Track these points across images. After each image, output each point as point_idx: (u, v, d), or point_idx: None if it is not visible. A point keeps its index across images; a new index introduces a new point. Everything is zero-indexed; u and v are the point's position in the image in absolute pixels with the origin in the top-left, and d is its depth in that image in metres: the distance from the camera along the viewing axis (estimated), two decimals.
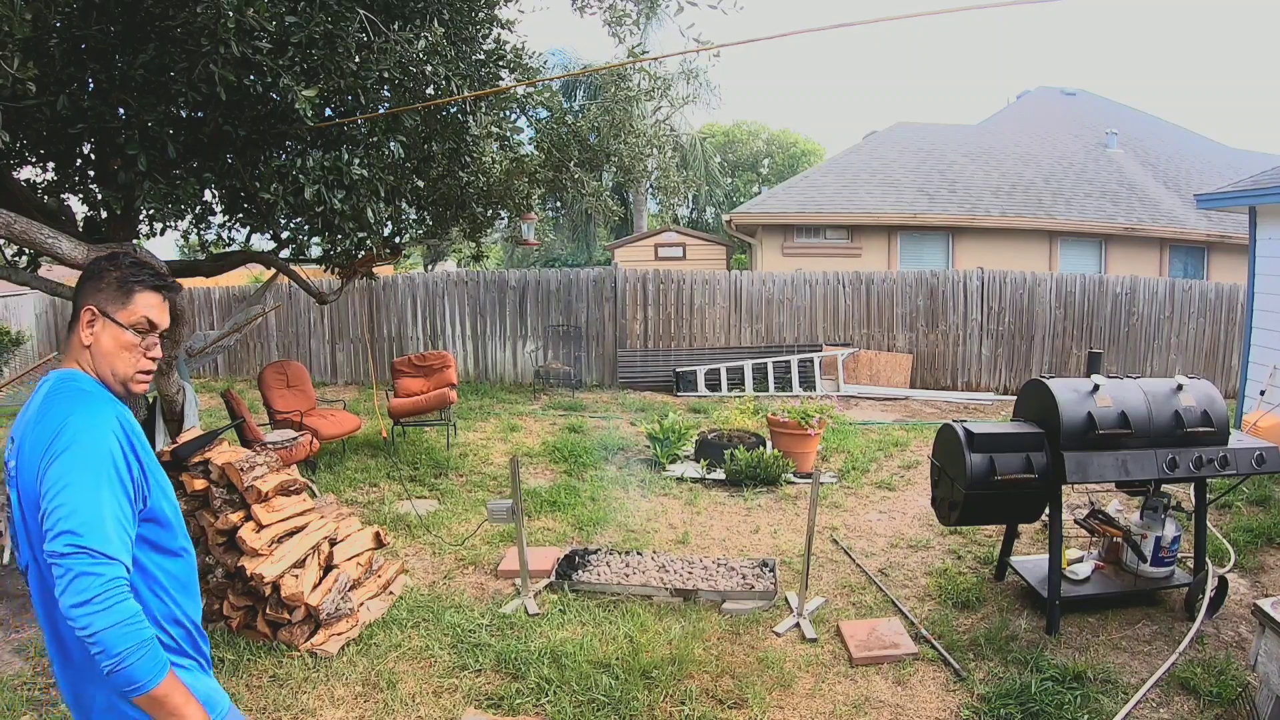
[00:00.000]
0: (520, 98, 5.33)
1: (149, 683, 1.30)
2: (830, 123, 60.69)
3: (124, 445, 1.45)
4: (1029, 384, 3.69)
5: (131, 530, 1.41)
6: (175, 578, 1.55)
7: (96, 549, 1.29)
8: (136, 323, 1.54)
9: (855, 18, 3.39)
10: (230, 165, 3.74)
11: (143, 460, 1.50)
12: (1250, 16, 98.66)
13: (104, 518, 1.33)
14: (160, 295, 1.58)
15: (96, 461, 1.37)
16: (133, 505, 1.42)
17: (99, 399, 1.49)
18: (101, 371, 1.53)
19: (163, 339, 1.62)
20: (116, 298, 1.54)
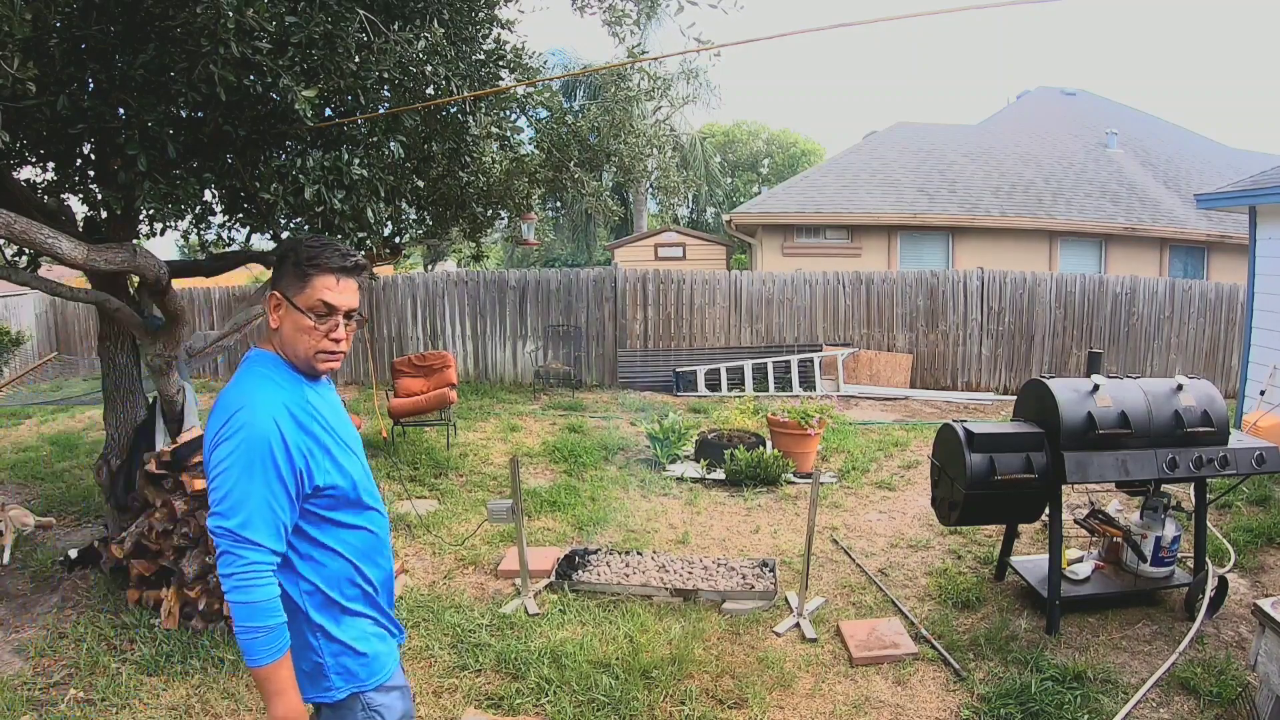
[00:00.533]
0: (520, 98, 5.33)
1: (258, 660, 1.45)
2: (830, 123, 60.77)
3: (287, 434, 1.52)
4: (1029, 384, 3.69)
5: (286, 516, 1.52)
6: (354, 546, 1.65)
7: (240, 533, 1.45)
8: (313, 306, 1.58)
9: (855, 18, 3.39)
10: (230, 165, 3.73)
11: (315, 442, 1.57)
12: (1250, 17, 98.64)
13: (252, 506, 1.46)
14: (337, 277, 1.59)
15: (254, 451, 1.47)
16: (290, 492, 1.52)
17: (273, 384, 1.57)
18: (287, 352, 1.62)
19: (350, 317, 1.63)
20: (295, 283, 1.59)
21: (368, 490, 1.70)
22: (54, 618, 3.76)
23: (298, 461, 1.53)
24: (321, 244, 1.61)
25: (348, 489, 1.62)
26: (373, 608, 1.70)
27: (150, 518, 3.76)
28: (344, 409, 1.79)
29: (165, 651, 3.37)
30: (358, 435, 1.77)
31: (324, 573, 1.61)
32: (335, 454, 1.62)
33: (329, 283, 1.58)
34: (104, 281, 4.13)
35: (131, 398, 4.41)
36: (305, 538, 1.59)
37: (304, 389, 1.62)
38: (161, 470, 3.76)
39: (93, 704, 3.03)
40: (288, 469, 1.51)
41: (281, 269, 1.62)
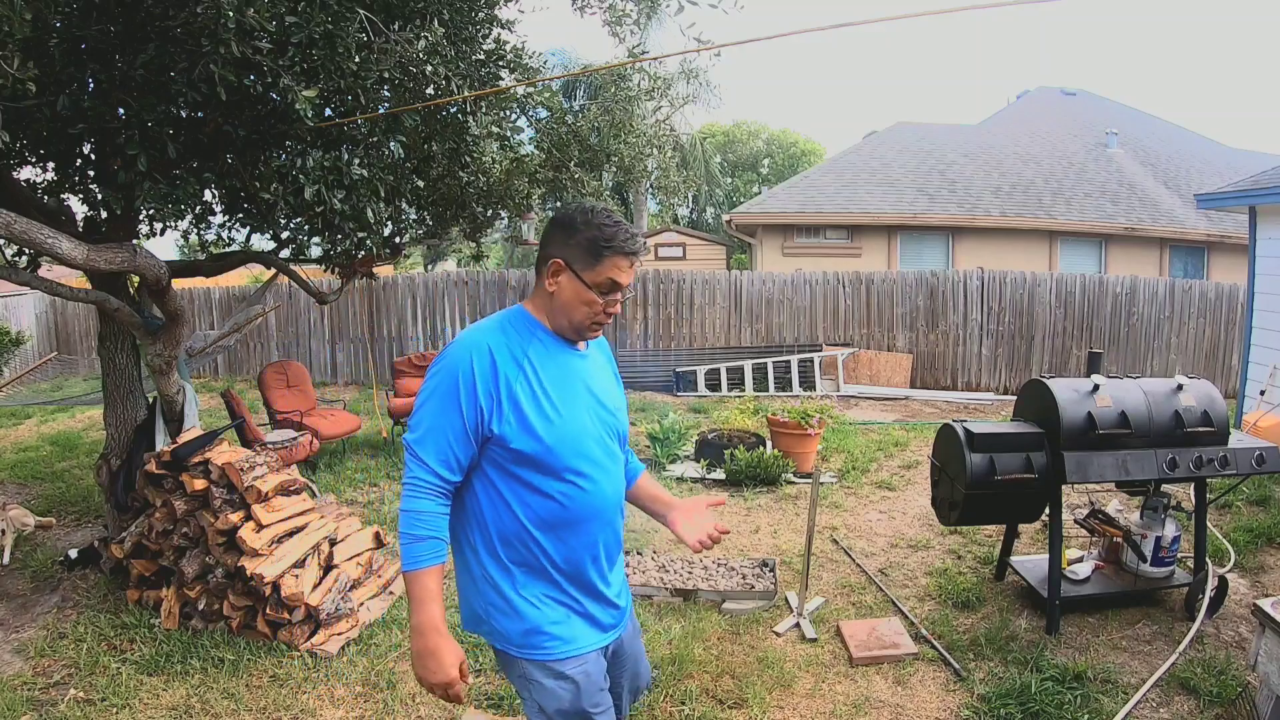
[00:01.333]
0: (520, 98, 5.33)
1: (404, 565, 1.55)
2: (830, 123, 60.85)
3: (479, 372, 1.55)
4: (1029, 384, 3.69)
5: (459, 449, 1.56)
6: (534, 512, 1.61)
7: (414, 448, 1.57)
8: (600, 284, 1.60)
9: (855, 18, 3.38)
10: (230, 165, 3.73)
11: (507, 392, 1.56)
12: (1250, 17, 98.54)
13: (427, 427, 1.56)
14: (630, 260, 1.61)
15: (444, 381, 1.56)
16: (465, 426, 1.55)
17: (498, 330, 1.62)
18: (555, 316, 1.65)
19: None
20: (585, 258, 1.59)
21: (575, 461, 1.62)
22: (54, 618, 3.76)
23: (481, 400, 1.54)
24: (614, 223, 1.59)
25: (536, 452, 1.57)
26: (546, 581, 1.64)
27: (150, 518, 3.76)
28: (605, 376, 1.78)
29: (165, 651, 3.37)
30: (597, 406, 1.70)
31: (496, 523, 1.61)
32: (528, 411, 1.57)
33: (621, 264, 1.60)
34: (104, 281, 4.13)
35: (131, 398, 4.41)
36: (486, 481, 1.61)
37: (533, 344, 1.63)
38: (161, 470, 3.76)
39: (93, 704, 3.03)
40: (468, 404, 1.54)
41: (569, 239, 1.60)
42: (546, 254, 1.63)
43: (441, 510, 1.57)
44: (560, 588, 1.65)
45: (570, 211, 1.62)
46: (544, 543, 1.62)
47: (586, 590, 1.69)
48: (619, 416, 1.76)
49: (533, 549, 1.62)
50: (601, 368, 1.78)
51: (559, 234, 1.62)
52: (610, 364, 1.86)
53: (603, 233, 1.58)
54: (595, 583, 1.70)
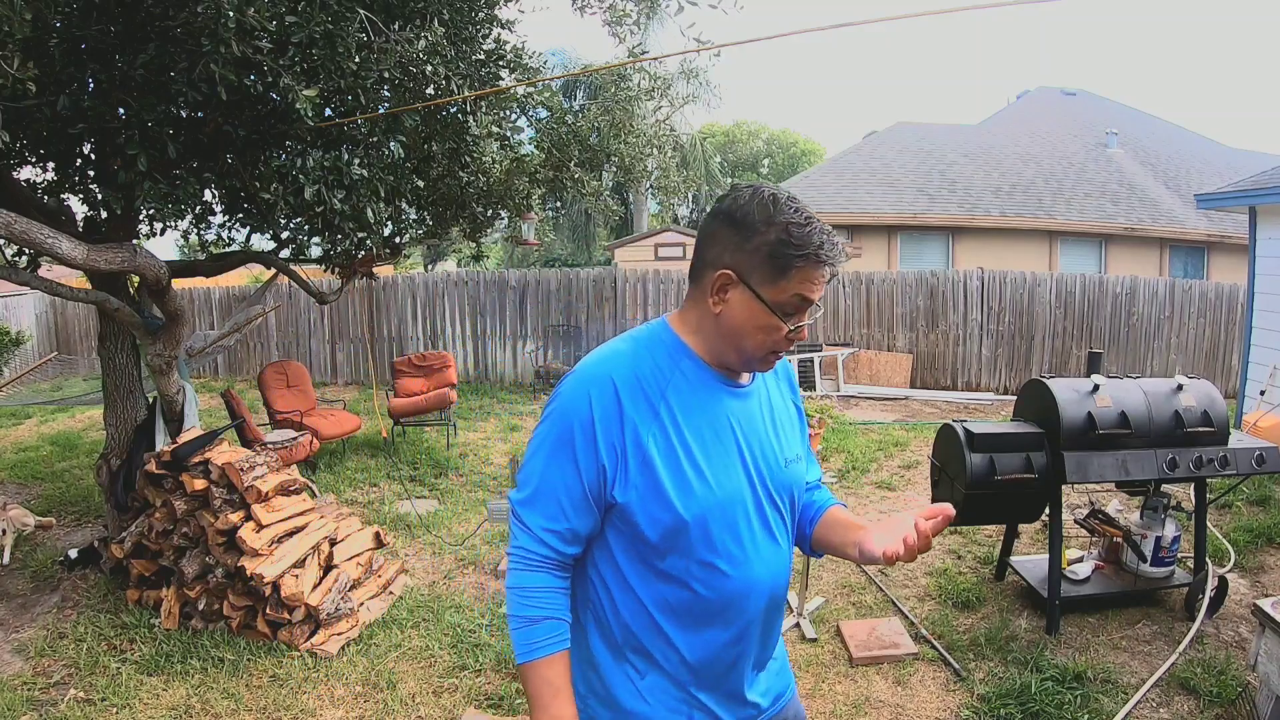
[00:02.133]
0: (520, 98, 5.33)
1: (518, 655, 1.21)
2: (830, 122, 60.91)
3: (604, 420, 1.17)
4: (1029, 384, 3.69)
5: (576, 516, 1.21)
6: (660, 597, 1.23)
7: (519, 514, 1.24)
8: (786, 303, 1.17)
9: (855, 18, 3.39)
10: (230, 165, 3.74)
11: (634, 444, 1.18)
12: (1249, 17, 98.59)
13: (535, 487, 1.22)
14: (828, 270, 1.17)
15: (556, 427, 1.20)
16: (587, 489, 1.19)
17: (625, 360, 1.22)
18: (718, 342, 1.23)
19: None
20: (766, 269, 1.16)
21: (722, 539, 1.21)
22: (54, 618, 3.76)
23: (603, 456, 1.17)
24: (806, 220, 1.15)
25: (668, 528, 1.18)
26: (667, 679, 1.26)
27: (150, 518, 3.76)
28: (777, 414, 1.36)
29: (165, 651, 3.37)
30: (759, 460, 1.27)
31: (613, 603, 1.26)
32: (662, 476, 1.18)
33: (815, 276, 1.16)
34: (104, 281, 4.13)
35: (131, 398, 4.41)
36: (606, 550, 1.25)
37: (675, 379, 1.22)
38: (161, 470, 3.76)
39: (93, 704, 3.03)
40: (586, 460, 1.18)
41: (744, 241, 1.16)
42: (710, 258, 1.21)
43: (559, 585, 1.23)
44: (683, 688, 1.26)
45: (745, 201, 1.17)
46: (671, 635, 1.24)
47: (719, 692, 1.29)
48: (793, 468, 1.33)
49: (656, 640, 1.25)
50: (771, 403, 1.35)
51: (729, 233, 1.18)
52: (788, 392, 1.44)
53: (792, 236, 1.13)
54: (734, 684, 1.30)
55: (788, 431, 1.37)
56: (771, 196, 1.16)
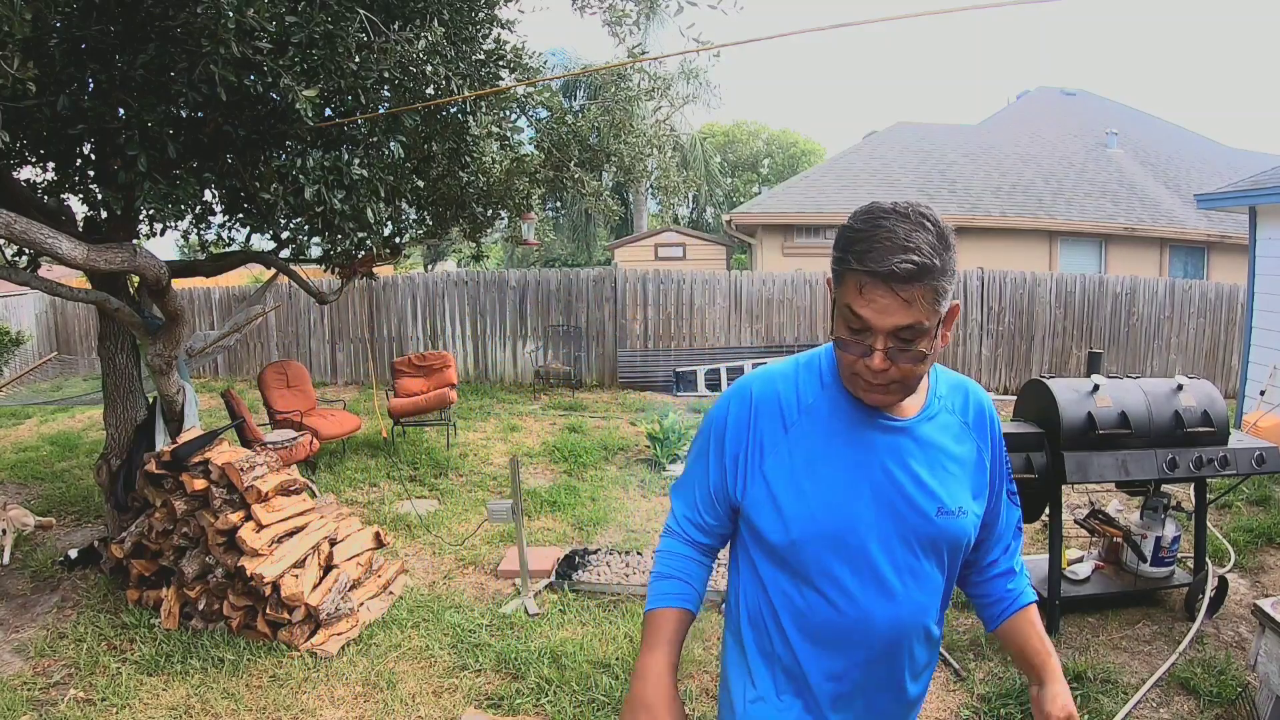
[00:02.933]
0: (520, 98, 5.33)
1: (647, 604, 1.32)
2: (830, 122, 60.93)
3: (735, 428, 1.25)
4: (1029, 384, 3.69)
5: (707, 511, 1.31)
6: (794, 604, 1.23)
7: (672, 494, 1.40)
8: (843, 311, 1.11)
9: (855, 18, 3.39)
10: (230, 165, 3.74)
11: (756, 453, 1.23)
12: (1249, 18, 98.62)
13: (683, 476, 1.37)
14: (880, 285, 1.05)
15: (703, 427, 1.33)
16: (713, 490, 1.29)
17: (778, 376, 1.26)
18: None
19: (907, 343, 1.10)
20: (837, 273, 1.13)
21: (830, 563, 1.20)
22: (54, 618, 3.76)
23: (727, 460, 1.26)
24: (866, 221, 1.08)
25: (779, 543, 1.21)
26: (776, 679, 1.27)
27: (150, 518, 3.76)
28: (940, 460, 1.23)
29: (165, 651, 3.37)
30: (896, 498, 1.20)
31: (748, 596, 1.30)
32: (777, 488, 1.21)
33: (860, 285, 1.07)
34: (104, 281, 4.13)
35: (131, 398, 4.41)
36: (745, 548, 1.32)
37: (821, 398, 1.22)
38: (161, 470, 3.76)
39: (93, 704, 3.03)
40: (715, 462, 1.28)
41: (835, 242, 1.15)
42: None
43: (694, 556, 1.33)
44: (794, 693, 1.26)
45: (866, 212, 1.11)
46: (794, 641, 1.24)
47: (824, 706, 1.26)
48: (947, 521, 1.21)
49: (776, 643, 1.27)
50: (939, 445, 1.23)
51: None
52: (973, 438, 1.28)
53: (843, 234, 1.09)
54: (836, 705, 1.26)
55: (951, 481, 1.23)
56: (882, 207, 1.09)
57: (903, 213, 1.07)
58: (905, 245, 1.03)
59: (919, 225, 1.05)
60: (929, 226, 1.06)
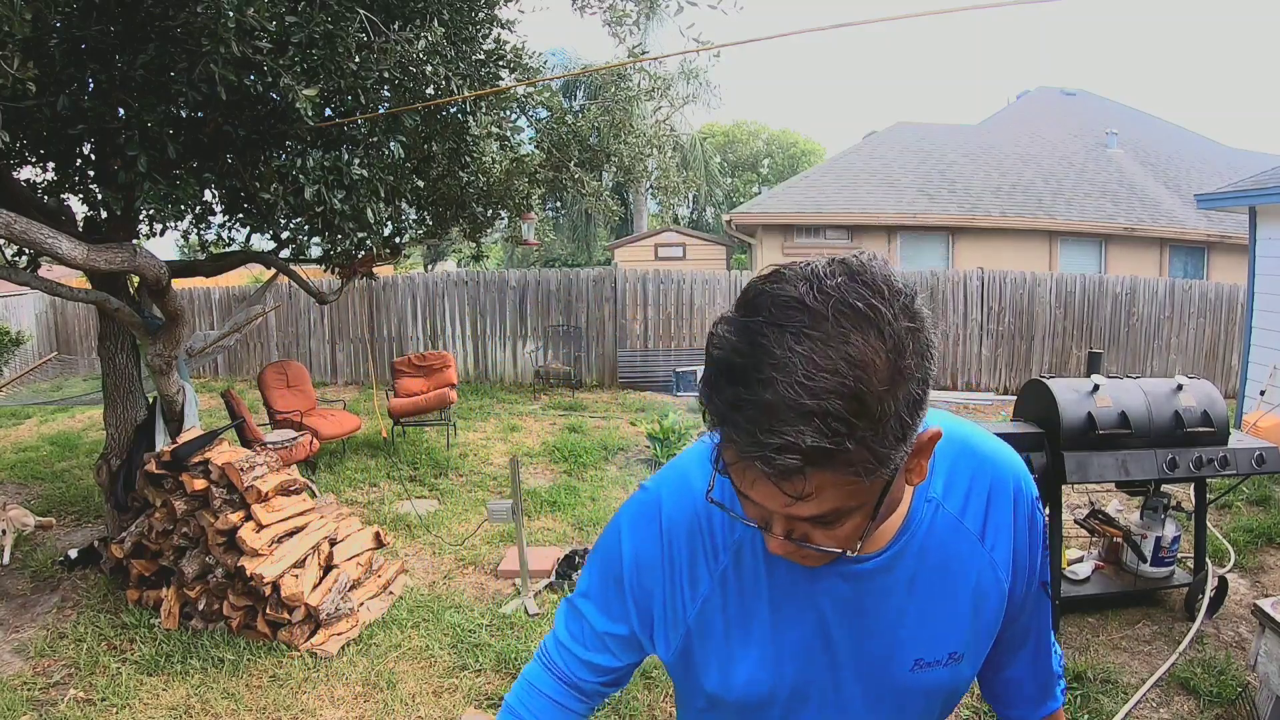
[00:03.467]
0: (520, 98, 5.33)
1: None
2: (830, 122, 60.97)
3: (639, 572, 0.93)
4: (1029, 384, 3.69)
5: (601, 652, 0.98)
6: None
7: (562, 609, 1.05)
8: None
9: (855, 18, 3.39)
10: (230, 165, 3.74)
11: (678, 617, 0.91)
12: (1250, 17, 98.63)
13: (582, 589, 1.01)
14: (765, 480, 0.66)
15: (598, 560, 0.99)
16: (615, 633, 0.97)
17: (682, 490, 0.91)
18: None
19: (801, 539, 0.75)
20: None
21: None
22: (54, 618, 3.76)
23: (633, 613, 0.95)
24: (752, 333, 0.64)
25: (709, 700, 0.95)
26: None
27: (150, 518, 3.76)
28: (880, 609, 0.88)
29: (165, 651, 3.37)
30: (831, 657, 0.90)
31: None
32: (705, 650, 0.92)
33: (731, 457, 0.69)
34: (104, 281, 4.13)
35: (131, 398, 4.41)
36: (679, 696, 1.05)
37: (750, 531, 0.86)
38: (161, 470, 3.76)
39: (93, 704, 3.03)
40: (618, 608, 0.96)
41: None
42: None
43: (562, 701, 1.01)
44: None
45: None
46: None
47: None
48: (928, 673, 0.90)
49: None
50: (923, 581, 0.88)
51: None
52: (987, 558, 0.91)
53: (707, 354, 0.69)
54: None
55: (940, 621, 0.89)
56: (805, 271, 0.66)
57: (816, 309, 0.62)
58: (793, 406, 0.60)
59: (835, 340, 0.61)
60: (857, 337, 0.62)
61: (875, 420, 0.62)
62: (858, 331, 0.62)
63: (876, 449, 0.64)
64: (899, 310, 0.64)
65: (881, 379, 0.62)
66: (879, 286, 0.64)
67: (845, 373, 0.61)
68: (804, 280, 0.64)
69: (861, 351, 0.61)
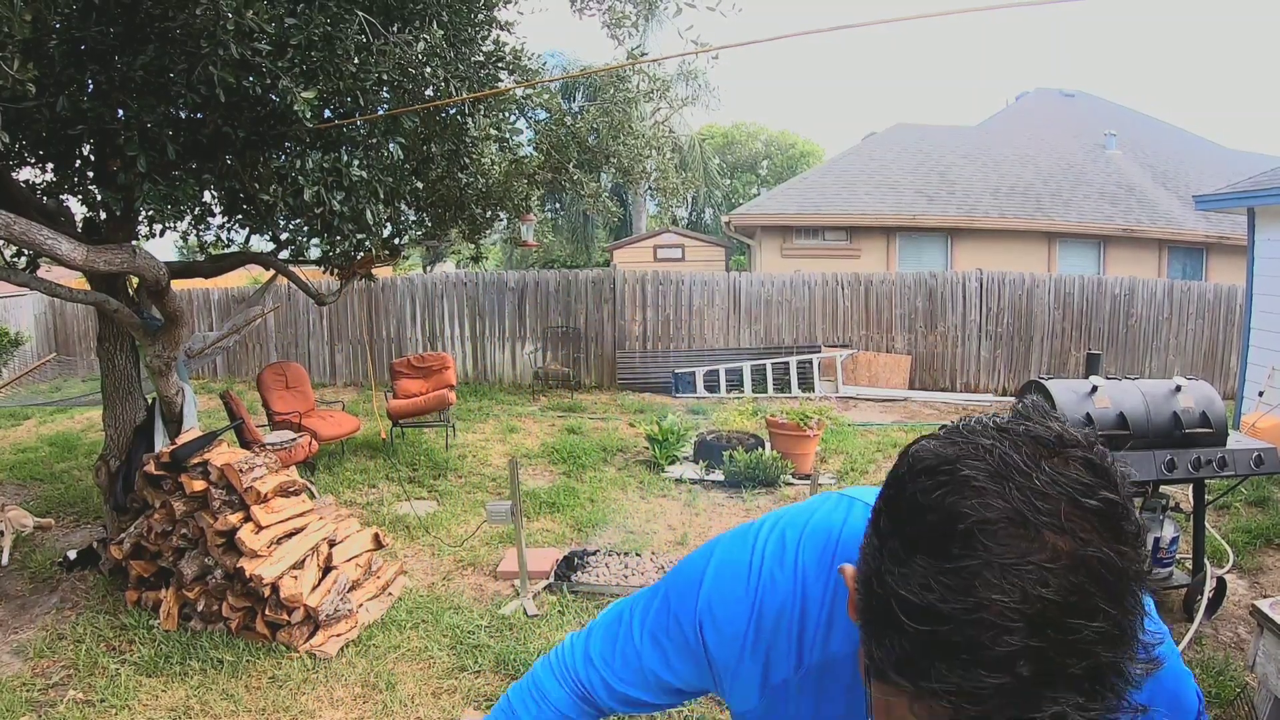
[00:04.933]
0: (519, 99, 5.34)
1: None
2: (829, 123, 60.97)
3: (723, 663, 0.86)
4: (1028, 385, 3.69)
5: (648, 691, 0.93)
6: None
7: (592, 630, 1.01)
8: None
9: (854, 19, 3.40)
10: (230, 166, 3.74)
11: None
12: (1250, 17, 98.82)
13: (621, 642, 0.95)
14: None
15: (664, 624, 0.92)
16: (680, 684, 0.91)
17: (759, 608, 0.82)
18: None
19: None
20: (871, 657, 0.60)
21: None
22: (53, 619, 3.75)
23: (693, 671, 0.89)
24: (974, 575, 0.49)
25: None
26: None
27: (149, 519, 3.76)
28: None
29: (164, 653, 3.37)
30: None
31: None
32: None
33: (922, 710, 0.54)
34: (103, 283, 4.13)
35: (130, 399, 4.41)
36: None
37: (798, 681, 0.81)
38: (160, 471, 3.76)
39: (92, 705, 3.03)
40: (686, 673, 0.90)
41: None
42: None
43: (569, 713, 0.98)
44: None
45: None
46: None
47: None
48: None
49: None
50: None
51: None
52: None
53: (896, 597, 0.53)
54: None
55: None
56: (1023, 464, 0.54)
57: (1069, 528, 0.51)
58: (1068, 676, 0.48)
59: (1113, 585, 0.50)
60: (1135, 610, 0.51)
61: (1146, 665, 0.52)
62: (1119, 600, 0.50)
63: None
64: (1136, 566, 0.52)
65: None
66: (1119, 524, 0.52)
67: (1131, 607, 0.51)
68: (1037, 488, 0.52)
69: (1131, 612, 0.51)
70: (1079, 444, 0.56)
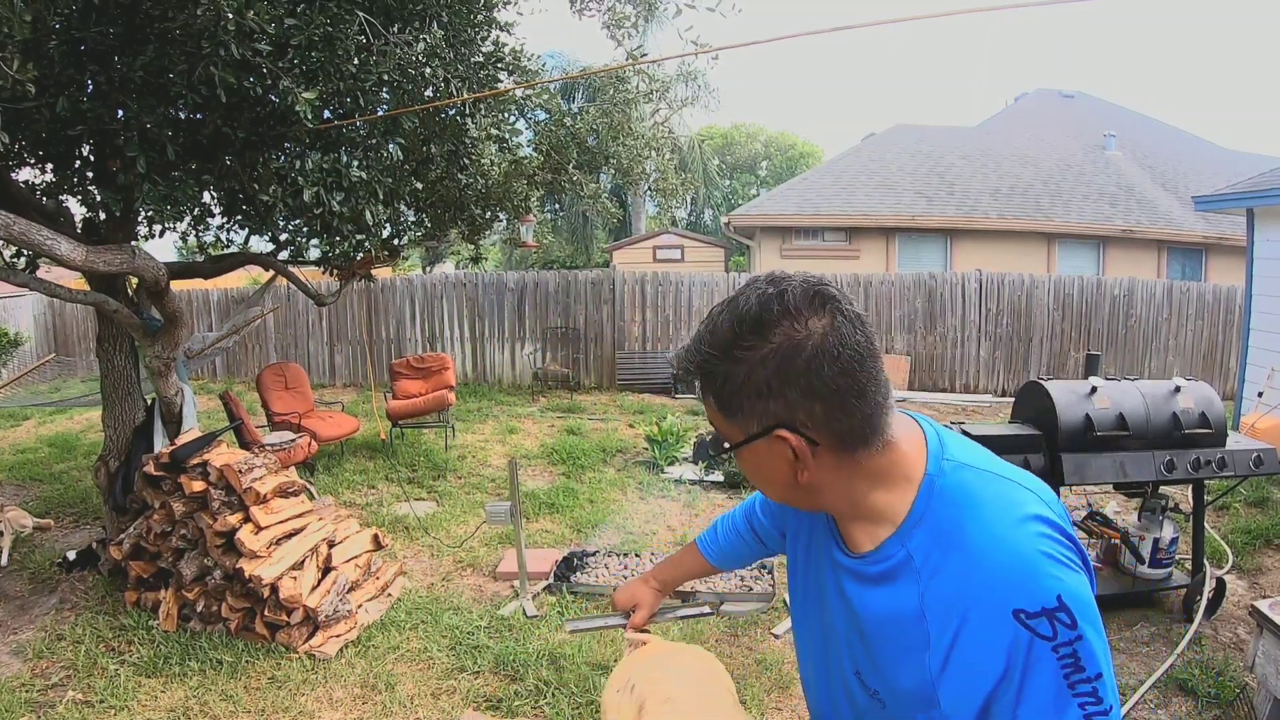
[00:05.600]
0: (519, 100, 5.34)
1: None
2: (829, 124, 61.08)
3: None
4: (1027, 386, 3.70)
5: (765, 512, 1.40)
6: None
7: None
8: None
9: (854, 19, 3.40)
10: (229, 167, 3.74)
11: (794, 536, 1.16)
12: (1250, 17, 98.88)
13: None
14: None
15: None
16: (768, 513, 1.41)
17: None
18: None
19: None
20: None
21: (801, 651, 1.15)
22: (52, 619, 3.75)
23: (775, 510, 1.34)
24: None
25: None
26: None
27: (149, 519, 3.76)
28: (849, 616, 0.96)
29: (164, 653, 3.37)
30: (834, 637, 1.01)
31: None
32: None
33: None
34: (102, 283, 4.13)
35: (130, 399, 4.41)
36: None
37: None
38: (160, 472, 3.76)
39: (91, 706, 3.02)
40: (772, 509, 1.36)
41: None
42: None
43: (742, 530, 1.42)
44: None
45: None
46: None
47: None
48: (871, 697, 0.94)
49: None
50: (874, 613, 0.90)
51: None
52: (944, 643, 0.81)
53: None
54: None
55: (878, 657, 0.90)
56: (760, 280, 0.92)
57: (732, 299, 0.87)
58: (689, 343, 0.93)
59: (721, 322, 0.87)
60: (722, 328, 0.86)
61: (725, 370, 0.88)
62: (713, 330, 0.89)
63: (722, 396, 0.91)
64: (738, 328, 0.86)
65: (725, 354, 0.87)
66: (742, 309, 0.87)
67: (724, 333, 0.86)
68: (745, 285, 0.90)
69: (721, 334, 0.87)
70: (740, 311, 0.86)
